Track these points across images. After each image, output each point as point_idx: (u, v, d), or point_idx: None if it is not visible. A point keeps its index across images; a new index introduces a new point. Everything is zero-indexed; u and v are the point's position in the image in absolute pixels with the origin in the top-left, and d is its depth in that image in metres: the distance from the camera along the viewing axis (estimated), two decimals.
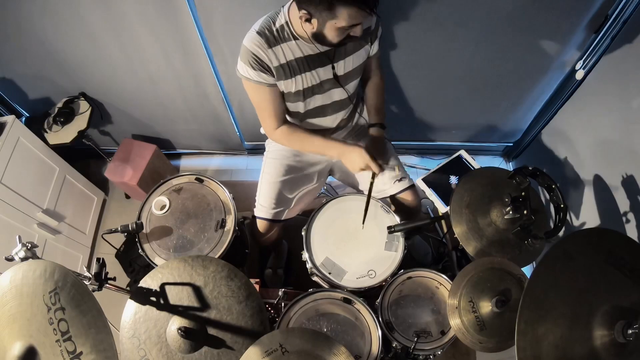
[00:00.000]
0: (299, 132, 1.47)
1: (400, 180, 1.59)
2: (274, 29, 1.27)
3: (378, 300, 1.35)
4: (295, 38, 1.28)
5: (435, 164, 1.99)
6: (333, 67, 1.36)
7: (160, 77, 1.92)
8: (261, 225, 1.62)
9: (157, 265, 1.32)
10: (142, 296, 1.12)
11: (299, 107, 1.45)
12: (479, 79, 1.91)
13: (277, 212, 1.60)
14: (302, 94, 1.39)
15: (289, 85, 1.36)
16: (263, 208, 1.60)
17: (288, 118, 1.53)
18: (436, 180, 1.86)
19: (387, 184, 1.59)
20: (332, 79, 1.39)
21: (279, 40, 1.28)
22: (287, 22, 1.27)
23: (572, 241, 0.89)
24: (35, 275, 0.91)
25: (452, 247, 1.88)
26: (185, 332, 1.03)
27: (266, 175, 1.62)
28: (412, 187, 1.62)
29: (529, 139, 2.21)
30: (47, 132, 2.03)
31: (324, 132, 1.57)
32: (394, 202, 1.63)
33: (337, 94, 1.46)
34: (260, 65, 1.29)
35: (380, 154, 1.43)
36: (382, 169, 1.41)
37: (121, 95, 2.08)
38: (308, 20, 1.17)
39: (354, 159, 1.40)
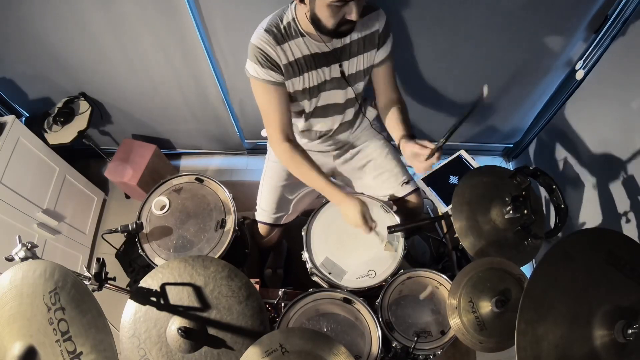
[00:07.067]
0: (301, 160, 1.37)
1: (407, 182, 1.60)
2: (282, 26, 1.26)
3: (378, 300, 1.35)
4: (302, 35, 1.27)
5: (435, 164, 1.99)
6: (340, 65, 1.35)
7: (160, 77, 1.92)
8: (262, 229, 1.63)
9: (157, 265, 1.32)
10: (142, 296, 1.12)
11: (304, 105, 1.44)
12: (479, 79, 1.91)
13: (278, 217, 1.62)
14: (308, 93, 1.38)
15: (297, 84, 1.35)
16: (264, 212, 1.61)
17: (294, 120, 1.50)
18: (436, 180, 1.86)
19: (393, 188, 1.60)
20: (336, 79, 1.38)
21: (286, 37, 1.27)
22: (294, 19, 1.26)
23: (572, 241, 0.89)
24: (35, 275, 0.91)
25: (452, 247, 1.89)
26: (185, 332, 1.03)
27: (268, 179, 1.62)
28: (417, 189, 1.63)
29: (529, 139, 2.21)
30: (47, 132, 2.03)
31: (327, 133, 1.57)
32: (397, 203, 1.63)
33: (340, 95, 1.44)
34: (269, 62, 1.27)
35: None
36: (371, 230, 1.39)
37: (121, 95, 2.08)
38: (302, 0, 1.16)
39: (347, 214, 1.38)
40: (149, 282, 1.15)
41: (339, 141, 1.64)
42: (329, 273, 1.41)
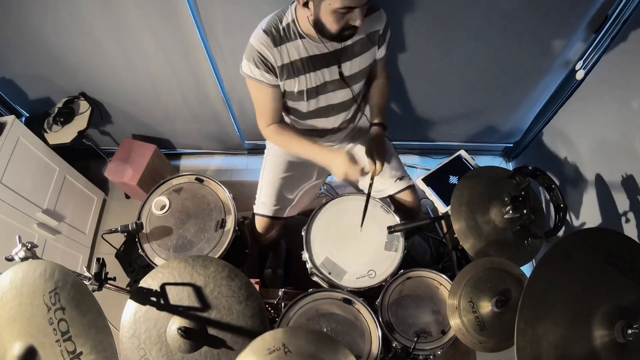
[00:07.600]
0: (287, 132, 1.45)
1: (400, 179, 1.59)
2: (281, 28, 1.26)
3: (378, 301, 1.35)
4: (301, 37, 1.27)
5: (435, 164, 1.99)
6: (339, 67, 1.35)
7: (161, 76, 1.92)
8: (262, 222, 1.61)
9: (157, 265, 1.32)
10: (142, 296, 1.12)
11: (301, 106, 1.44)
12: (479, 79, 1.91)
13: (278, 209, 1.60)
14: (305, 94, 1.39)
15: (292, 85, 1.35)
16: (264, 205, 1.60)
17: (289, 117, 1.52)
18: (436, 180, 1.86)
19: (387, 183, 1.59)
20: (337, 80, 1.38)
21: (284, 39, 1.27)
22: (293, 20, 1.26)
23: (572, 241, 0.89)
24: (35, 275, 0.91)
25: (452, 247, 1.88)
26: (185, 332, 1.03)
27: (267, 173, 1.62)
28: (412, 187, 1.62)
29: (529, 139, 2.21)
30: (47, 132, 2.03)
31: (325, 133, 1.57)
32: (393, 201, 1.63)
33: (341, 95, 1.45)
34: (265, 65, 1.28)
35: (380, 153, 1.41)
36: (362, 173, 1.35)
37: (121, 95, 2.08)
38: (306, 4, 1.15)
39: (337, 164, 1.36)
40: (149, 282, 1.15)
41: (340, 137, 1.64)
42: (329, 273, 1.41)
